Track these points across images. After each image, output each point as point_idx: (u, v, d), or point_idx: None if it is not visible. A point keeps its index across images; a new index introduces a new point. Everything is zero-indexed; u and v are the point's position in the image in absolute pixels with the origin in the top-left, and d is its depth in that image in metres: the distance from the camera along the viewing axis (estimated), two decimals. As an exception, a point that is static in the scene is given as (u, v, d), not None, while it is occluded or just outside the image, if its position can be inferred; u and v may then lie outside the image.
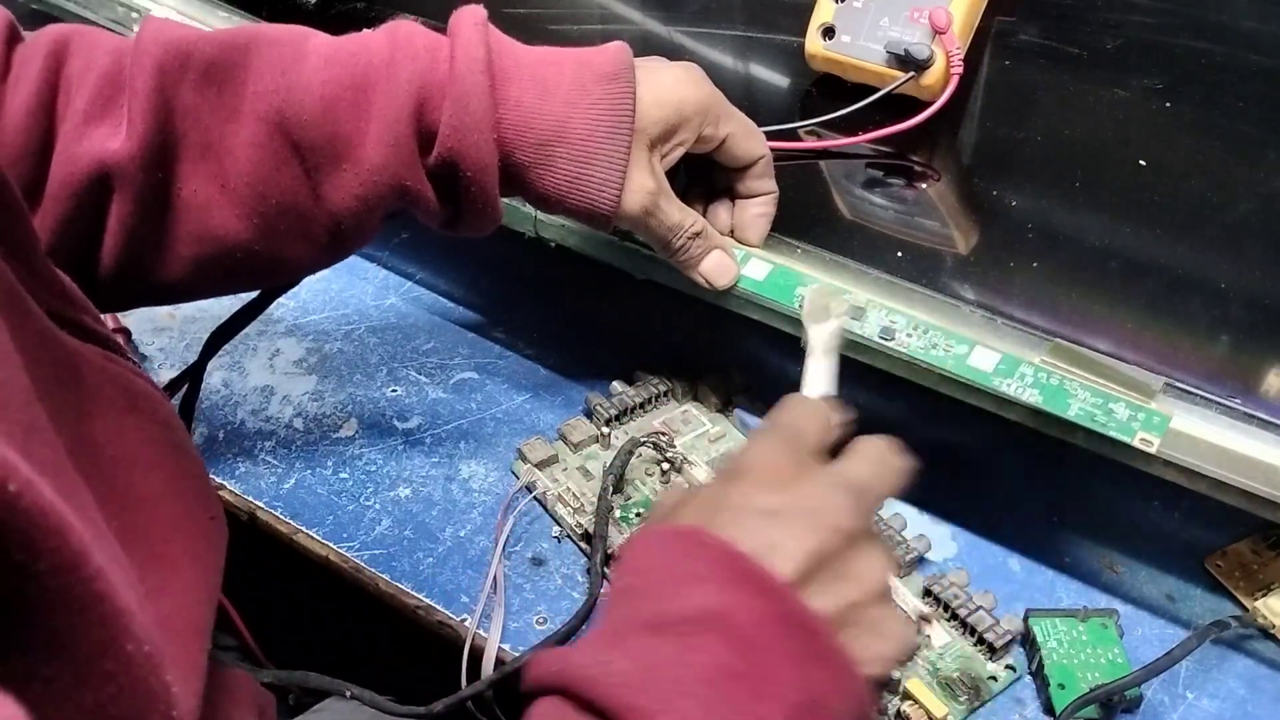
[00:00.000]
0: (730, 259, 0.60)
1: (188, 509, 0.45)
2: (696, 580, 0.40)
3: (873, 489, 0.44)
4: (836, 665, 0.40)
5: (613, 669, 0.38)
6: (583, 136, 0.54)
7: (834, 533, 0.41)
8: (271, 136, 0.52)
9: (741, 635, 0.39)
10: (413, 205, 0.55)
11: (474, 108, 0.52)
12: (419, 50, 0.53)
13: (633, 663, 0.38)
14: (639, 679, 0.38)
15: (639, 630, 0.40)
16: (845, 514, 0.42)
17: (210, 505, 0.47)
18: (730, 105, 0.58)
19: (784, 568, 0.40)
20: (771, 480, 0.44)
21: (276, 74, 0.53)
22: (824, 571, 0.41)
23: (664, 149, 0.56)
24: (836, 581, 0.41)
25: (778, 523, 0.41)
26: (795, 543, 0.41)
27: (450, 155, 0.53)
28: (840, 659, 0.40)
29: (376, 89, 0.52)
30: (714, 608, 0.39)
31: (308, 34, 0.55)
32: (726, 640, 0.38)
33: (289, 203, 0.54)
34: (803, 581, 0.40)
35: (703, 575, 0.40)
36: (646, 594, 0.41)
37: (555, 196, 0.55)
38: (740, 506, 0.43)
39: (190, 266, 0.55)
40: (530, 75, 0.54)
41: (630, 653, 0.39)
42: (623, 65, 0.54)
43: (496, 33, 0.54)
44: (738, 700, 0.37)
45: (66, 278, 0.44)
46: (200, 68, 0.52)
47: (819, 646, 0.39)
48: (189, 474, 0.46)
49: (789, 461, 0.45)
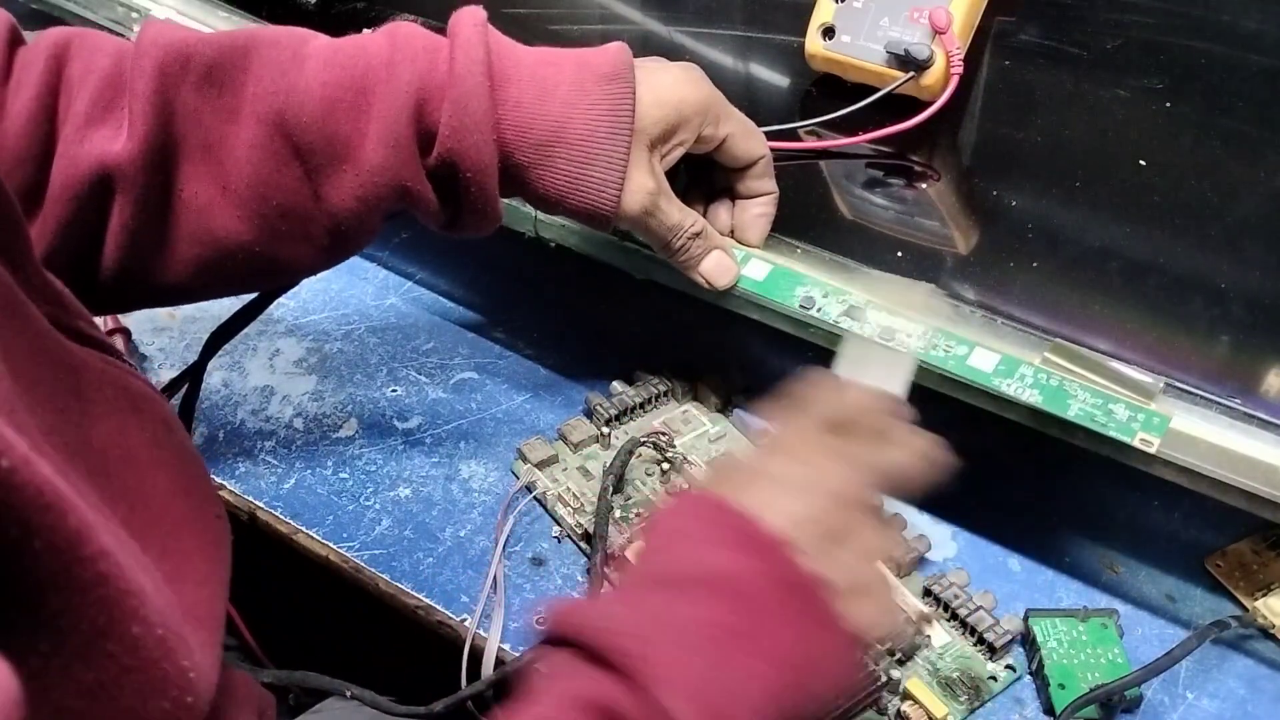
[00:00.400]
0: (730, 259, 0.60)
1: (194, 506, 0.45)
2: (707, 543, 0.43)
3: (890, 469, 0.47)
4: (827, 627, 0.42)
5: (621, 621, 0.41)
6: (582, 137, 0.54)
7: (837, 500, 0.44)
8: (272, 138, 0.53)
9: (739, 594, 0.41)
10: (413, 206, 0.55)
11: (474, 109, 0.52)
12: (419, 51, 0.53)
13: (640, 616, 0.41)
14: (644, 630, 0.40)
15: (650, 587, 0.43)
16: (851, 484, 0.45)
17: (214, 503, 0.48)
18: (730, 105, 0.58)
19: (784, 529, 0.42)
20: (789, 450, 0.47)
21: (276, 75, 0.53)
22: (824, 536, 0.43)
23: (664, 149, 0.56)
24: (835, 547, 0.44)
25: (785, 489, 0.44)
26: (799, 508, 0.44)
27: (450, 156, 0.53)
28: (831, 621, 0.42)
29: (376, 90, 0.52)
30: (720, 568, 0.42)
31: (307, 35, 0.55)
32: (729, 599, 0.41)
33: (289, 204, 0.54)
34: (800, 544, 0.43)
35: (713, 538, 0.43)
36: (662, 554, 0.44)
37: (555, 197, 0.55)
38: (756, 474, 0.46)
39: (191, 268, 0.55)
40: (530, 76, 0.54)
41: (639, 607, 0.42)
42: (622, 66, 0.54)
43: (496, 34, 0.54)
44: (736, 654, 0.40)
45: (60, 283, 0.44)
46: (200, 69, 0.52)
47: (812, 609, 0.42)
48: (192, 473, 0.46)
49: (808, 433, 0.47)
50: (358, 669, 0.59)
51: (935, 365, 0.56)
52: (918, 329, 0.56)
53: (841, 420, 0.48)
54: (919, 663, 0.56)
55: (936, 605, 0.58)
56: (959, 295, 0.58)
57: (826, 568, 0.42)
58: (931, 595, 0.58)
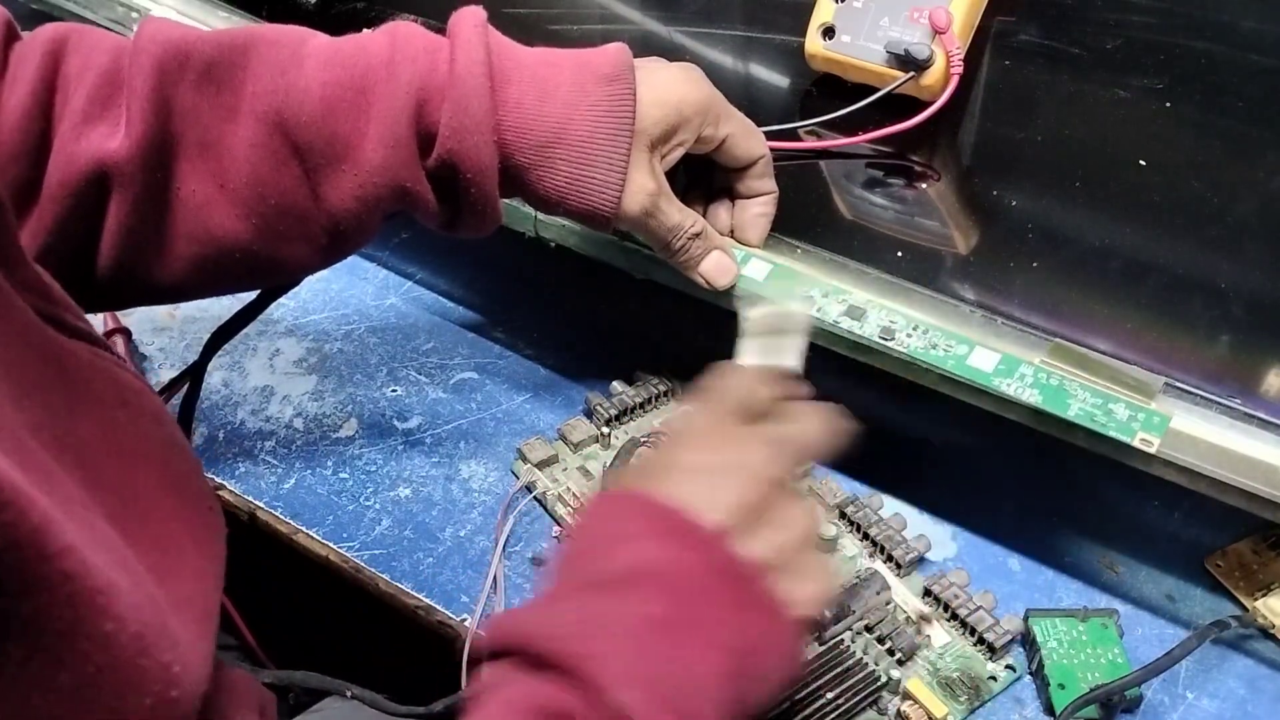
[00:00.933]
0: (730, 259, 0.60)
1: (185, 499, 0.45)
2: (633, 538, 0.43)
3: (798, 443, 0.48)
4: (767, 609, 0.43)
5: (558, 623, 0.41)
6: (583, 138, 0.54)
7: (758, 482, 0.45)
8: (270, 137, 0.52)
9: (677, 586, 0.42)
10: (412, 207, 0.55)
11: (474, 109, 0.52)
12: (419, 51, 0.53)
13: (581, 617, 0.41)
14: (582, 630, 0.40)
15: (583, 588, 0.43)
16: (769, 464, 0.45)
17: (207, 497, 0.47)
18: (730, 105, 0.58)
19: (713, 518, 0.43)
20: (700, 440, 0.47)
21: (276, 74, 0.53)
22: (751, 519, 0.44)
23: (664, 150, 0.56)
24: (763, 528, 0.44)
25: (705, 478, 0.45)
26: (722, 495, 0.44)
27: (450, 157, 0.53)
28: (771, 603, 0.43)
29: (376, 90, 0.52)
30: (650, 562, 0.42)
31: (307, 34, 0.55)
32: (669, 592, 0.41)
33: (288, 203, 0.54)
34: (731, 530, 0.43)
35: (639, 533, 0.43)
36: (588, 554, 0.44)
37: (555, 198, 0.55)
38: (671, 466, 0.46)
39: (189, 266, 0.55)
40: (530, 77, 0.54)
41: (580, 609, 0.42)
42: (622, 67, 0.54)
43: (496, 34, 0.54)
44: (683, 644, 0.40)
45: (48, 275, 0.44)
46: (199, 67, 0.52)
47: (750, 593, 0.43)
48: (183, 467, 0.46)
49: (716, 422, 0.48)
50: (358, 669, 0.59)
51: (935, 365, 0.56)
52: (802, 304, 0.57)
53: (742, 405, 0.48)
54: (919, 663, 0.56)
55: (936, 605, 0.58)
56: (959, 295, 0.58)
57: (758, 550, 0.43)
58: (931, 595, 0.58)
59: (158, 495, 0.43)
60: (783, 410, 0.49)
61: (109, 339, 0.70)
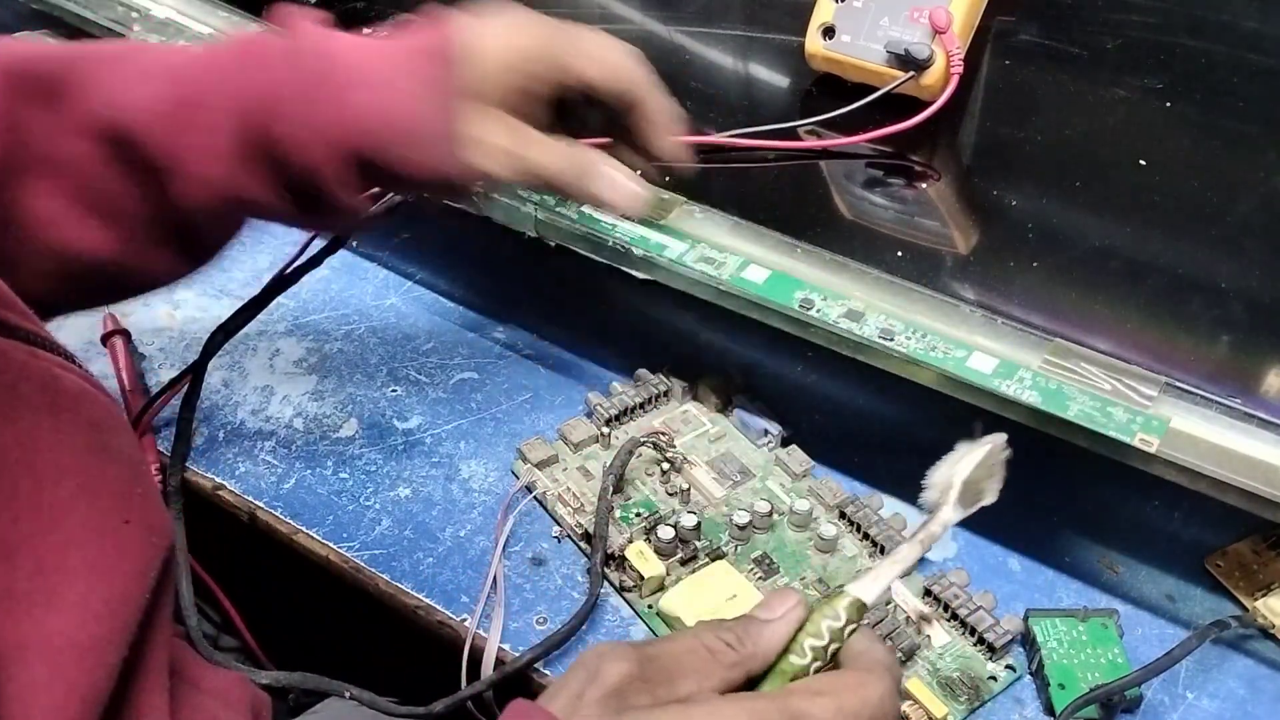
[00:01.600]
0: (626, 178, 0.56)
1: (99, 516, 0.42)
2: None
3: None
4: None
5: None
6: (421, 116, 0.53)
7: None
8: (114, 152, 0.52)
9: None
10: (260, 214, 0.55)
11: (309, 114, 0.52)
12: (257, 61, 0.53)
13: None
14: None
15: None
16: None
17: (127, 509, 0.43)
18: (584, 39, 0.55)
19: None
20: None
21: (120, 89, 0.53)
22: None
23: (514, 104, 0.54)
24: None
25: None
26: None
27: (287, 160, 0.52)
28: None
29: (205, 102, 0.52)
30: None
31: (155, 48, 0.56)
32: None
33: (141, 214, 0.54)
34: None
35: None
36: None
37: (405, 177, 0.54)
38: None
39: (49, 282, 0.54)
40: (367, 72, 0.53)
41: None
42: (438, 39, 0.53)
43: (339, 36, 0.54)
44: None
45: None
46: (44, 84, 0.52)
47: None
48: (107, 477, 0.43)
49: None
50: (358, 669, 0.59)
51: (935, 365, 0.56)
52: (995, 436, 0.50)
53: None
54: (919, 663, 0.56)
55: (936, 605, 0.58)
56: (959, 295, 0.58)
57: None
58: (931, 595, 0.58)
59: (63, 513, 0.40)
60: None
61: (107, 341, 0.70)
